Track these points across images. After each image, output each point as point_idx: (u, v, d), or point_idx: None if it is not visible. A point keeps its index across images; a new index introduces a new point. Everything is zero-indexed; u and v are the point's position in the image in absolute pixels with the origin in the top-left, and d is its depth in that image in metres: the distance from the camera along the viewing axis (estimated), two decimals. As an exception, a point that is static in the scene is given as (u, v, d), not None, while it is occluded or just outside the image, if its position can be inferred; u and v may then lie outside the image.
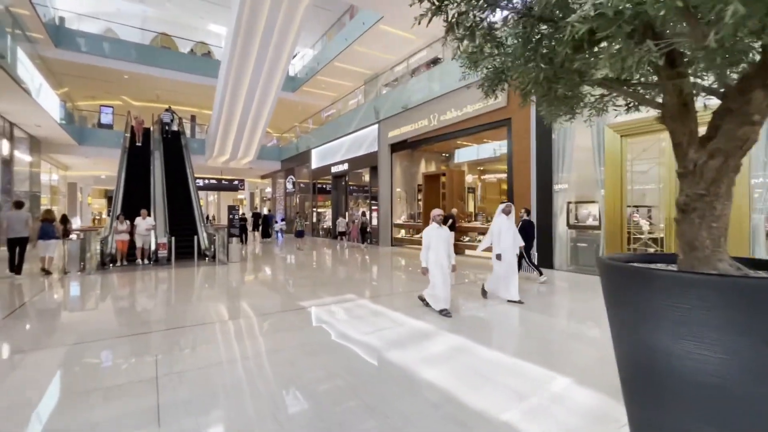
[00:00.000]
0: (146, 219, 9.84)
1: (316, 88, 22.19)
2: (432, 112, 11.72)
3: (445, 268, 4.92)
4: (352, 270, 9.37)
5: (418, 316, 4.82)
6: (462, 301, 5.67)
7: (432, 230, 5.01)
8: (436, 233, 4.99)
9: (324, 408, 2.56)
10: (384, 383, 2.96)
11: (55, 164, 21.10)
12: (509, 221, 5.80)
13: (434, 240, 4.96)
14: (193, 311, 5.24)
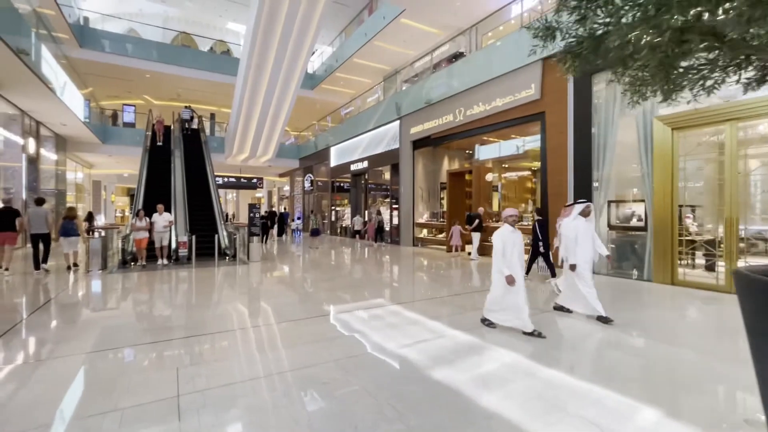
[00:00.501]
0: (163, 215, 9.34)
1: (334, 86, 21.87)
2: (457, 106, 11.19)
3: (521, 279, 4.14)
4: (378, 272, 8.96)
5: (458, 325, 4.36)
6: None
7: (506, 234, 4.20)
8: (511, 238, 4.16)
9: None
10: (435, 410, 2.52)
11: (80, 162, 21.37)
12: (588, 225, 4.86)
13: (509, 246, 4.13)
14: (214, 317, 4.91)
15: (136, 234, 9.01)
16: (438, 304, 5.49)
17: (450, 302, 5.57)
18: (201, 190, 13.88)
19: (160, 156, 14.99)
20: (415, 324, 4.44)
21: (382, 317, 4.74)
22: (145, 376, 3.05)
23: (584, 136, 7.99)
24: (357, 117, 17.90)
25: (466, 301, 5.72)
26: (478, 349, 3.64)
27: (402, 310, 5.05)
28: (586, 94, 7.93)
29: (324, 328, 4.38)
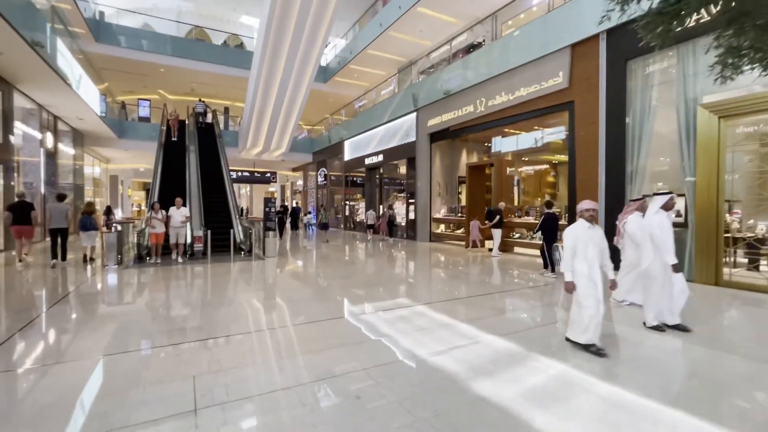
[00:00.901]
0: (181, 209, 8.92)
1: (348, 78, 21.50)
2: (478, 97, 10.73)
3: (600, 285, 3.44)
4: (398, 269, 8.65)
5: (493, 329, 4.02)
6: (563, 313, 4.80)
7: (580, 230, 3.54)
8: (587, 234, 3.51)
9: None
10: (481, 430, 2.20)
11: (97, 157, 21.51)
12: (669, 219, 4.20)
13: (582, 243, 3.49)
14: (232, 317, 4.66)
15: (152, 228, 8.62)
16: (466, 305, 5.15)
17: (479, 303, 5.22)
18: (216, 185, 13.74)
19: (175, 151, 14.90)
20: (446, 327, 4.11)
21: (408, 319, 4.42)
22: (160, 386, 2.79)
23: (617, 127, 7.49)
24: (371, 110, 17.52)
25: (496, 302, 5.37)
26: (520, 358, 3.29)
27: (429, 311, 4.73)
28: (620, 82, 7.42)
29: (348, 330, 4.08)
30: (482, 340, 3.74)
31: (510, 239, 10.42)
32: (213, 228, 10.34)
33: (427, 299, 5.39)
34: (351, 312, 4.77)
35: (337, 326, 4.20)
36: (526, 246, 10.06)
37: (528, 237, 10.08)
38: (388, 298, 5.58)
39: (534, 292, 5.90)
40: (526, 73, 9.35)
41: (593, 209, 3.66)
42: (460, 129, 11.79)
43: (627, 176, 7.40)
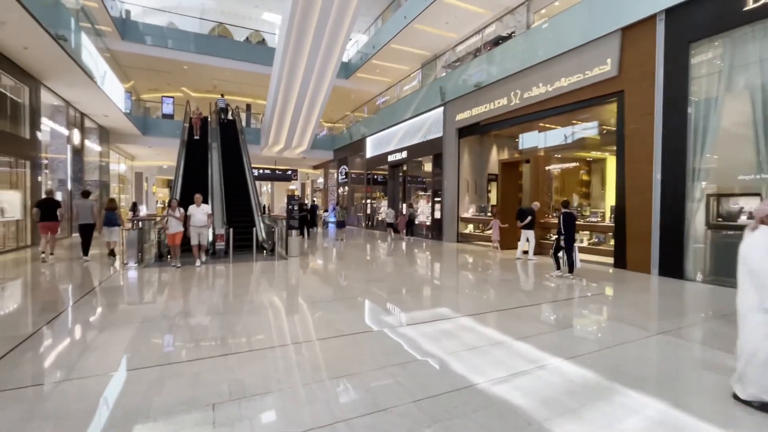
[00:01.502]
0: (201, 206, 7.87)
1: (370, 74, 21.00)
2: (513, 89, 10.02)
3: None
4: (430, 273, 8.10)
5: (556, 350, 3.41)
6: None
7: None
8: None
9: None
10: None
11: (123, 154, 21.73)
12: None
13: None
14: (257, 328, 4.20)
15: (169, 228, 7.66)
16: (515, 317, 4.54)
17: (529, 315, 4.61)
18: (238, 182, 13.47)
19: (197, 149, 14.70)
20: (500, 346, 3.53)
21: (454, 334, 3.86)
22: (173, 419, 2.33)
23: (677, 118, 6.69)
24: (395, 105, 16.95)
25: (548, 314, 4.74)
26: (604, 392, 2.68)
27: (475, 325, 4.15)
28: (682, 67, 6.62)
29: (387, 346, 3.55)
30: (547, 363, 3.14)
31: (547, 241, 9.68)
32: (235, 226, 10.02)
33: (469, 309, 4.81)
34: (387, 324, 4.23)
35: (374, 341, 3.68)
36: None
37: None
38: (426, 307, 5.02)
39: (588, 303, 5.24)
40: (567, 61, 8.60)
41: None
42: (491, 123, 11.08)
43: (688, 173, 6.60)
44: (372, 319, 4.45)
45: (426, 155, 14.22)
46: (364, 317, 4.53)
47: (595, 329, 4.07)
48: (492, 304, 5.12)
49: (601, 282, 6.67)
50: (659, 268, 6.90)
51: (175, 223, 7.64)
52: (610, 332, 4.02)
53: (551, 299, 5.39)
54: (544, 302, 5.19)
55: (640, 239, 7.25)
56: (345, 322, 4.26)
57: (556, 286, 6.40)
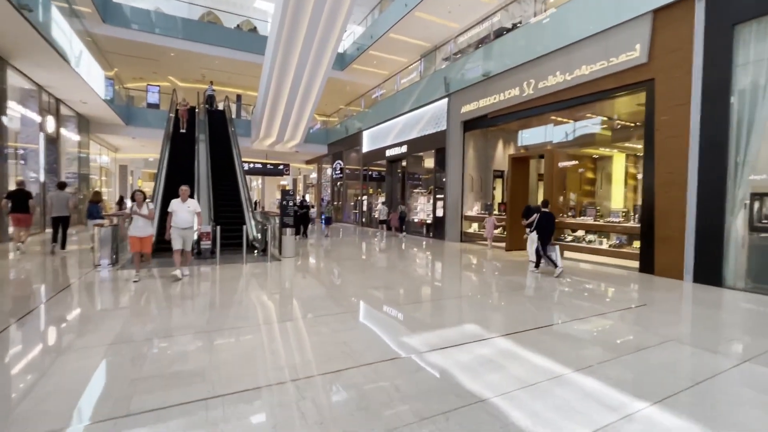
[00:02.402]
0: (188, 201, 6.13)
1: (366, 66, 20.08)
2: (526, 78, 9.26)
3: None
4: (441, 278, 7.31)
5: (637, 388, 2.65)
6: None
7: None
8: None
9: None
10: None
11: (105, 145, 20.43)
12: None
13: None
14: (253, 355, 3.36)
15: (132, 230, 5.83)
16: (559, 338, 3.78)
17: (575, 335, 3.84)
18: (227, 176, 12.51)
19: (184, 143, 13.63)
20: (562, 383, 2.74)
21: (496, 363, 3.07)
22: None
23: (718, 108, 6.00)
24: (394, 97, 16.08)
25: (596, 332, 3.99)
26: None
27: (517, 349, 3.37)
28: (724, 53, 5.92)
29: (420, 382, 2.73)
30: (634, 411, 2.37)
31: (564, 242, 8.98)
32: (223, 223, 9.12)
33: (501, 326, 4.03)
34: (410, 347, 3.42)
35: (401, 374, 2.86)
36: (576, 250, 8.61)
37: (584, 241, 8.63)
38: (449, 322, 4.22)
39: (634, 317, 4.50)
40: (589, 47, 7.86)
41: None
42: (500, 116, 10.32)
43: (729, 169, 5.93)
44: (391, 339, 3.63)
45: (428, 150, 13.42)
46: (380, 337, 3.71)
47: (663, 355, 3.33)
48: (525, 319, 4.35)
49: (635, 290, 5.97)
50: (694, 274, 6.24)
51: (143, 224, 5.85)
52: (683, 359, 3.28)
53: (591, 312, 4.65)
54: (583, 316, 4.44)
55: (671, 242, 6.58)
56: (359, 344, 3.43)
57: (588, 294, 5.68)
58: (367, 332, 3.81)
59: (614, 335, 3.88)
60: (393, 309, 4.63)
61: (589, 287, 6.12)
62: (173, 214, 5.99)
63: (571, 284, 6.26)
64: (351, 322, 4.08)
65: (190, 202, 6.20)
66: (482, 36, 13.56)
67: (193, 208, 6.18)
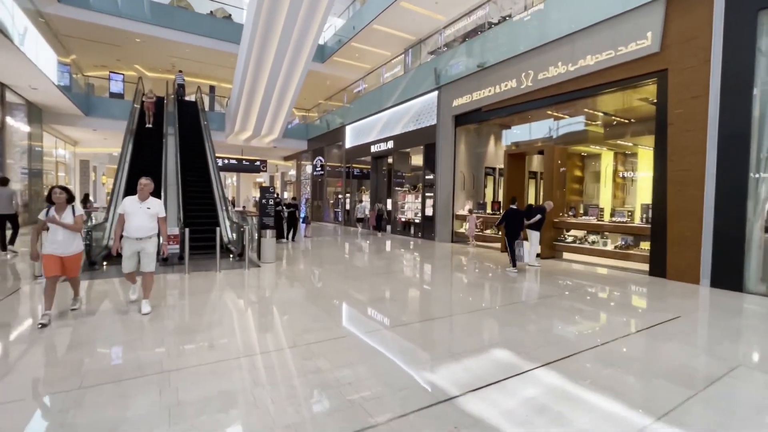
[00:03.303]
0: (149, 200, 4.34)
1: (348, 59, 19.14)
2: (524, 69, 8.66)
3: None
4: (445, 285, 6.59)
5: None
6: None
7: None
8: None
9: None
10: None
11: (62, 138, 18.56)
12: None
13: None
14: (218, 404, 2.49)
15: (48, 244, 3.84)
16: (612, 368, 3.08)
17: (628, 363, 3.17)
18: (199, 172, 11.36)
19: (150, 137, 12.30)
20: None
21: (551, 409, 2.34)
22: None
23: (739, 100, 5.54)
24: (380, 89, 15.24)
25: (650, 358, 3.34)
26: None
27: (570, 387, 2.65)
28: (747, 41, 5.46)
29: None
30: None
31: (562, 243, 8.46)
32: (195, 225, 8.08)
33: (537, 351, 3.31)
34: (438, 387, 2.64)
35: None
36: (578, 252, 8.12)
37: (587, 242, 8.13)
38: (475, 347, 3.45)
39: (675, 334, 3.90)
40: (595, 36, 7.32)
41: None
42: (495, 109, 9.68)
43: (751, 166, 5.48)
44: (410, 377, 2.84)
45: (416, 145, 12.68)
46: (396, 374, 2.90)
47: (743, 388, 2.71)
48: (556, 340, 3.66)
49: (656, 298, 5.43)
50: (711, 279, 5.78)
51: (64, 237, 3.85)
52: (762, 395, 2.67)
53: (625, 328, 4.03)
54: (620, 334, 3.80)
55: (685, 244, 6.11)
56: (370, 388, 2.61)
57: (609, 303, 5.09)
58: (377, 368, 2.99)
59: (669, 361, 3.24)
60: (402, 330, 3.84)
61: (605, 295, 5.55)
62: (125, 217, 4.18)
63: (584, 291, 5.68)
64: (353, 353, 3.26)
65: (152, 202, 4.35)
66: (469, 30, 12.96)
67: (155, 210, 4.32)
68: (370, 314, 4.39)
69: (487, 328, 4.02)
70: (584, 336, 3.76)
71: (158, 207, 4.39)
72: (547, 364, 2.99)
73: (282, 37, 12.86)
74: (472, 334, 3.80)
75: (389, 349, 3.34)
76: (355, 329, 3.86)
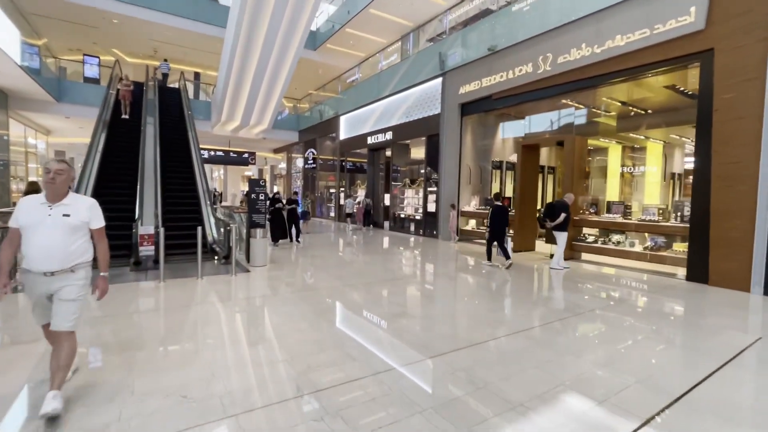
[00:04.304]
0: (64, 201, 2.29)
1: (342, 46, 18.01)
2: (542, 52, 7.82)
3: None
4: (477, 294, 5.76)
5: None
6: None
7: None
8: None
9: None
10: None
11: (33, 126, 17.05)
12: None
13: None
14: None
15: None
16: (732, 425, 2.30)
17: (756, 419, 2.39)
18: (181, 164, 10.30)
19: (127, 132, 11.08)
20: None
21: None
22: None
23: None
24: (378, 76, 14.26)
25: (759, 407, 2.56)
26: None
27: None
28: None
29: None
30: None
31: (581, 243, 7.72)
32: (176, 222, 7.11)
33: (625, 400, 2.50)
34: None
35: None
36: (600, 252, 7.38)
37: (611, 242, 7.39)
38: (542, 392, 2.60)
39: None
40: (626, 13, 6.51)
41: None
42: (508, 96, 8.81)
43: (816, 159, 4.77)
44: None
45: (417, 136, 11.78)
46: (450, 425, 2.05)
47: None
48: (640, 378, 2.82)
49: (713, 311, 4.68)
50: (765, 286, 5.08)
51: None
52: None
53: (711, 361, 3.25)
54: (710, 371, 3.01)
55: (732, 246, 5.40)
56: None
57: (674, 320, 4.32)
58: (417, 426, 2.14)
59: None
60: (441, 366, 2.98)
61: (656, 306, 4.78)
62: (21, 233, 2.25)
63: (627, 301, 4.92)
64: (384, 403, 2.39)
65: (73, 204, 2.34)
66: (471, 15, 12.08)
67: (79, 219, 2.32)
68: (394, 337, 3.52)
69: (541, 357, 3.19)
70: (664, 371, 2.95)
71: (85, 211, 2.36)
72: (645, 424, 2.17)
73: (272, 21, 11.77)
74: (525, 367, 2.96)
75: (431, 393, 2.48)
76: (380, 362, 2.98)
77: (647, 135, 10.06)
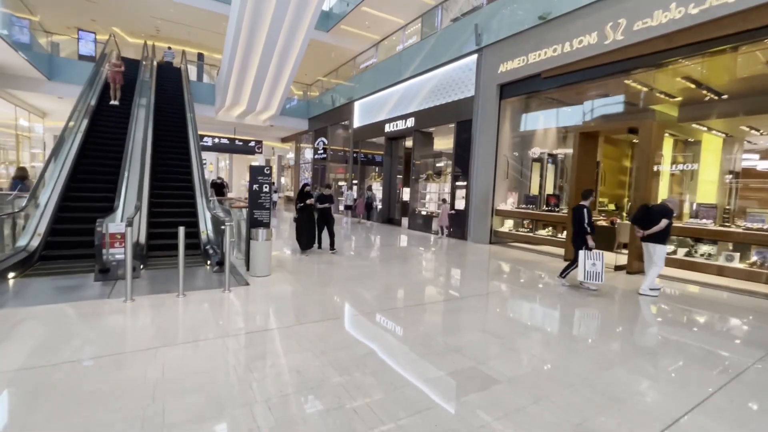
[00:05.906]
0: None
1: (357, 27, 16.45)
2: (610, 18, 6.30)
3: None
4: (549, 320, 4.38)
5: None
6: None
7: None
8: None
9: None
10: None
11: (26, 108, 15.82)
12: None
13: None
14: None
15: None
16: None
17: None
18: (177, 152, 9.01)
19: (115, 120, 9.67)
20: None
21: None
22: None
23: None
24: (398, 57, 12.75)
25: None
26: None
27: None
28: None
29: None
30: None
31: (675, 257, 6.25)
32: (165, 216, 5.82)
33: None
34: None
35: None
36: (686, 267, 5.90)
37: (697, 255, 5.91)
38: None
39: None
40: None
41: None
42: (563, 74, 7.24)
43: None
44: None
45: (444, 123, 10.30)
46: None
47: None
48: None
49: None
50: None
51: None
52: None
53: None
54: None
55: None
56: None
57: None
58: None
59: None
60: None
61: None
62: None
63: (745, 335, 3.50)
64: None
65: None
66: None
67: None
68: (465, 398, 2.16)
69: (648, 403, 1.80)
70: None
71: None
72: None
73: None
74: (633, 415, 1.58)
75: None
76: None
77: (710, 126, 8.53)
